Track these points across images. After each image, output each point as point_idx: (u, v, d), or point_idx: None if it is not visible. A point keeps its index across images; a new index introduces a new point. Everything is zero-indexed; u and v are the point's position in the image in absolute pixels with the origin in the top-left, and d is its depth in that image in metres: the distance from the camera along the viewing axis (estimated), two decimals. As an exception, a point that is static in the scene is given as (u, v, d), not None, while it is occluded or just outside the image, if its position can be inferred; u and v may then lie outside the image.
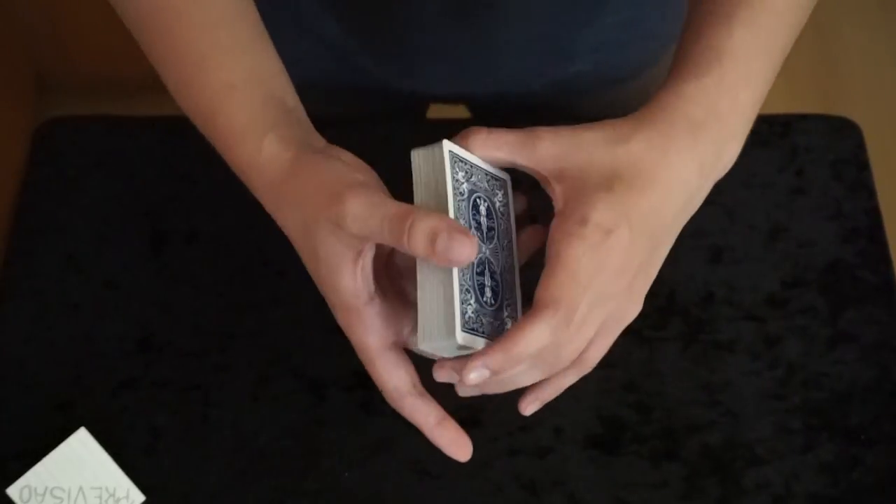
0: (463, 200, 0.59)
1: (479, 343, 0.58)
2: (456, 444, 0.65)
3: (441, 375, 0.60)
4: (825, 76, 2.01)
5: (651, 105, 0.61)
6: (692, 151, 0.60)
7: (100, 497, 0.76)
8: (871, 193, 0.90)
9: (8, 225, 0.90)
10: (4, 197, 1.47)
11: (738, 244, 0.88)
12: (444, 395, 0.82)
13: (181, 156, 0.92)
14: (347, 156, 0.63)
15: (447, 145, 0.59)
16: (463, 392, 0.63)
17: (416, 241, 0.55)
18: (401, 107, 0.98)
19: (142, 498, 0.77)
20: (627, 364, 0.82)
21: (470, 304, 0.58)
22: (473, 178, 0.60)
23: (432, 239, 0.55)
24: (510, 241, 0.64)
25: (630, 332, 0.83)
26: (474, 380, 0.57)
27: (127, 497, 0.77)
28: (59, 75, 1.91)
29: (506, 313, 0.61)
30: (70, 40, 1.83)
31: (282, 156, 0.61)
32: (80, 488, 0.76)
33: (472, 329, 0.58)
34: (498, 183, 0.63)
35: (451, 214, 0.58)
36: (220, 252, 0.87)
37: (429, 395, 0.65)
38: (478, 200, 0.60)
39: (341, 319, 0.62)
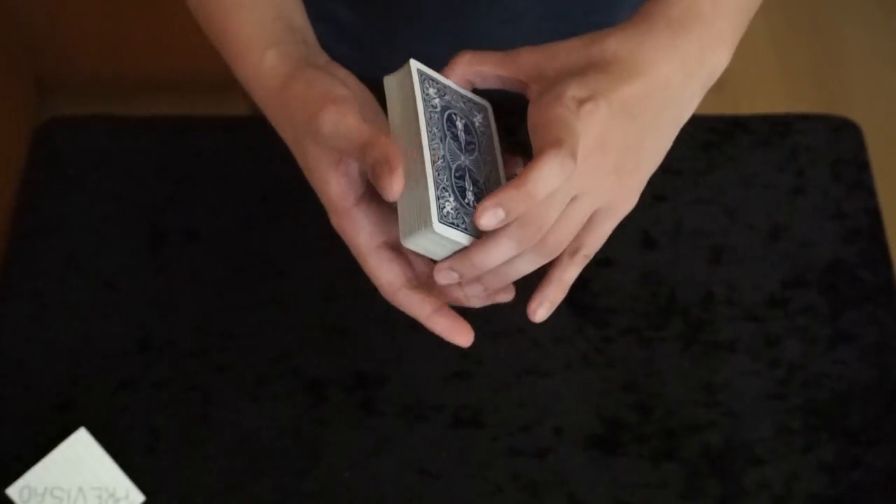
0: (435, 112, 0.62)
1: (462, 238, 0.59)
2: (454, 330, 0.64)
3: (442, 276, 0.60)
4: (825, 76, 2.01)
5: (634, 14, 0.63)
6: (671, 47, 0.61)
7: (100, 497, 0.76)
8: (871, 193, 0.90)
9: (8, 225, 0.91)
10: (4, 197, 1.48)
11: (738, 244, 0.88)
12: (445, 393, 0.82)
13: (181, 156, 0.92)
14: (343, 72, 0.65)
15: (415, 64, 0.63)
16: (469, 293, 0.63)
17: (370, 168, 0.58)
18: None
19: (141, 498, 0.77)
20: (627, 364, 0.82)
21: (448, 200, 0.59)
22: (447, 97, 0.63)
23: (373, 169, 0.58)
24: (494, 159, 0.65)
25: (630, 332, 0.84)
26: (486, 224, 0.55)
27: (127, 497, 0.77)
28: (59, 75, 1.91)
29: None
30: (70, 40, 1.83)
31: (279, 69, 0.64)
32: (80, 488, 0.76)
33: (452, 223, 0.59)
34: (477, 107, 0.66)
35: (422, 123, 0.60)
36: (220, 252, 0.87)
37: (424, 290, 0.64)
38: (453, 115, 0.63)
39: (334, 222, 0.64)
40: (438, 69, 0.67)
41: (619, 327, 0.84)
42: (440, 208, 0.58)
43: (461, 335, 0.64)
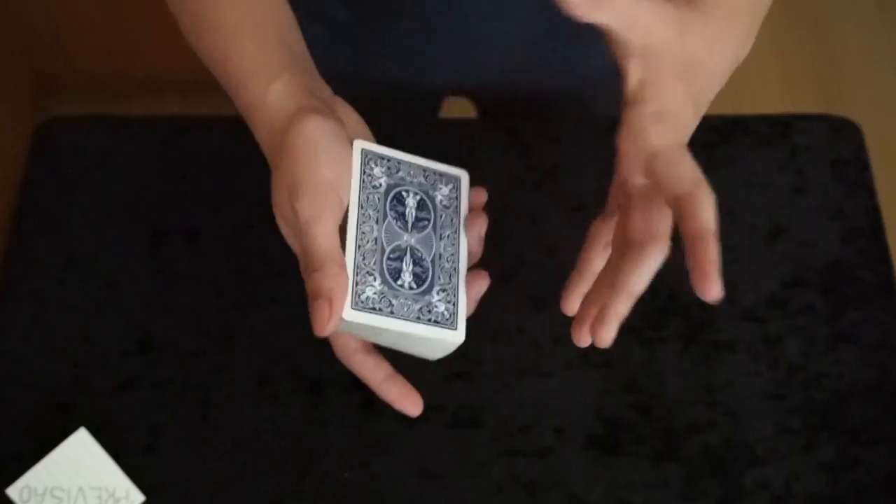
0: (377, 192, 0.63)
1: (379, 321, 0.61)
2: (405, 398, 0.67)
3: (581, 339, 0.64)
4: (825, 76, 2.02)
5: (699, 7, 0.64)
6: (728, 38, 0.65)
7: (100, 497, 0.76)
8: (871, 193, 0.90)
9: (8, 225, 0.91)
10: (4, 197, 1.48)
11: (738, 244, 0.88)
12: (445, 393, 0.82)
13: (181, 156, 0.92)
14: (345, 109, 0.65)
15: (359, 144, 0.64)
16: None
17: (310, 290, 0.60)
18: (411, 99, 0.98)
19: (141, 498, 0.77)
20: (627, 364, 0.82)
21: (371, 285, 0.61)
22: (400, 173, 0.64)
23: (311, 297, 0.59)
24: (455, 233, 0.66)
25: (630, 332, 0.84)
26: (716, 293, 0.59)
27: (127, 497, 0.77)
28: (59, 75, 1.91)
29: (437, 297, 0.64)
30: (70, 40, 1.83)
31: (286, 105, 0.63)
32: (80, 488, 0.76)
33: (372, 308, 0.60)
34: (444, 178, 0.66)
35: (353, 207, 0.62)
36: (220, 252, 0.87)
37: (379, 355, 0.67)
38: (402, 193, 0.64)
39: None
40: (436, 67, 0.67)
41: (619, 327, 0.84)
42: (357, 294, 0.60)
43: (412, 404, 0.67)
